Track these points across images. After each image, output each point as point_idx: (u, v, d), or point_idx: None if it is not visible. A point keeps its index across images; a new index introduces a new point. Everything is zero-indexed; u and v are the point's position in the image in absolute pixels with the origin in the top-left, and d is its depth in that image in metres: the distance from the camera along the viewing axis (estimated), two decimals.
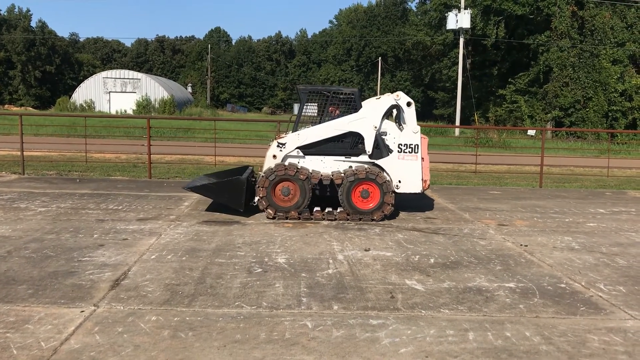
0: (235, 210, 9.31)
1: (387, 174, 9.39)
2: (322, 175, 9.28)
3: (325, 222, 9.02)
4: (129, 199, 10.61)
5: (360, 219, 9.20)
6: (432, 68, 64.12)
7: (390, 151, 9.47)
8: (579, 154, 24.26)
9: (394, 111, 9.80)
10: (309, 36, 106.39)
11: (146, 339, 4.42)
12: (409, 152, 9.42)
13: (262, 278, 6.01)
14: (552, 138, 37.47)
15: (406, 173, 9.43)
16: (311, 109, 9.90)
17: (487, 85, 50.76)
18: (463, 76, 40.28)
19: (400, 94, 9.69)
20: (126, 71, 64.93)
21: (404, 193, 9.57)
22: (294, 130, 9.66)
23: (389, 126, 9.55)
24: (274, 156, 9.41)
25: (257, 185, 9.26)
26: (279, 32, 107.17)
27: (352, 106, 9.52)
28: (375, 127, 9.36)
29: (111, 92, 60.47)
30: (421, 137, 9.50)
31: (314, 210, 9.36)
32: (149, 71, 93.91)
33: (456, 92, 39.98)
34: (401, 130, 9.50)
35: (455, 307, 5.34)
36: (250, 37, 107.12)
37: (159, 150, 17.35)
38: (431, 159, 10.53)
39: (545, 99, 41.72)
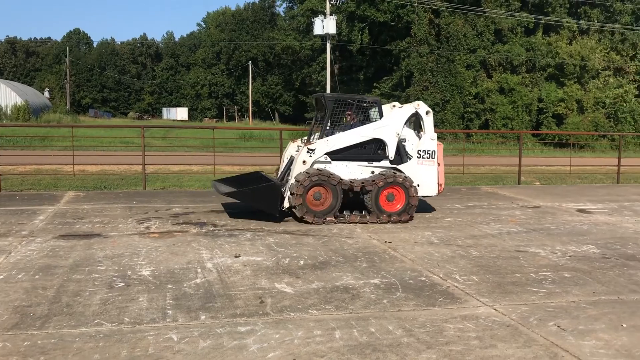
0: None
1: None
2: (355, 181, 9.61)
3: (194, 230, 8.80)
4: None
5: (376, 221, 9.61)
6: (302, 72, 65.20)
7: (410, 157, 10.04)
8: None
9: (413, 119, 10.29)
10: (177, 39, 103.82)
11: None
12: (427, 157, 10.09)
13: (125, 292, 5.72)
14: None
15: (424, 177, 10.05)
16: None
17: (355, 90, 52.51)
18: (331, 81, 41.41)
19: (420, 103, 10.24)
20: None
21: (421, 196, 10.13)
22: (309, 136, 10.31)
23: (408, 133, 10.12)
24: (304, 162, 9.55)
25: (290, 190, 9.41)
26: (144, 34, 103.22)
27: (375, 114, 9.98)
28: (398, 134, 9.85)
29: None
30: (437, 144, 10.12)
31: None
32: None
33: None
34: (419, 137, 10.08)
35: (323, 307, 5.43)
36: (113, 40, 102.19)
37: (10, 160, 15.95)
38: None
39: (408, 102, 43.98)
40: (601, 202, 12.76)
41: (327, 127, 9.96)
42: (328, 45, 40.92)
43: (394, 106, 10.25)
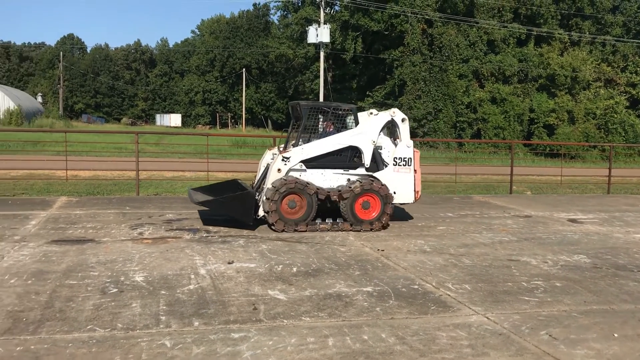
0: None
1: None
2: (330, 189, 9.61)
3: (187, 237, 8.80)
4: None
5: (360, 230, 9.59)
6: (296, 80, 65.35)
7: (386, 164, 10.00)
8: (431, 162, 25.92)
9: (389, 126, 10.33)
10: (171, 45, 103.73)
11: None
12: (403, 164, 10.06)
13: (118, 298, 5.71)
14: None
15: (400, 185, 10.00)
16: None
17: (348, 98, 52.63)
18: (325, 89, 41.52)
19: (396, 110, 10.31)
20: None
21: (398, 203, 10.12)
22: (285, 144, 10.24)
23: (384, 141, 10.14)
24: (279, 170, 9.49)
25: (264, 198, 9.33)
26: (138, 40, 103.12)
27: (350, 122, 9.97)
28: (374, 142, 9.87)
29: None
30: (414, 151, 10.09)
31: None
32: None
33: None
34: (395, 145, 10.09)
35: (316, 314, 5.44)
36: (107, 45, 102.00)
37: (3, 165, 15.93)
38: None
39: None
40: (592, 212, 12.86)
41: (303, 135, 9.91)
42: (322, 54, 41.09)
43: (371, 113, 10.24)
